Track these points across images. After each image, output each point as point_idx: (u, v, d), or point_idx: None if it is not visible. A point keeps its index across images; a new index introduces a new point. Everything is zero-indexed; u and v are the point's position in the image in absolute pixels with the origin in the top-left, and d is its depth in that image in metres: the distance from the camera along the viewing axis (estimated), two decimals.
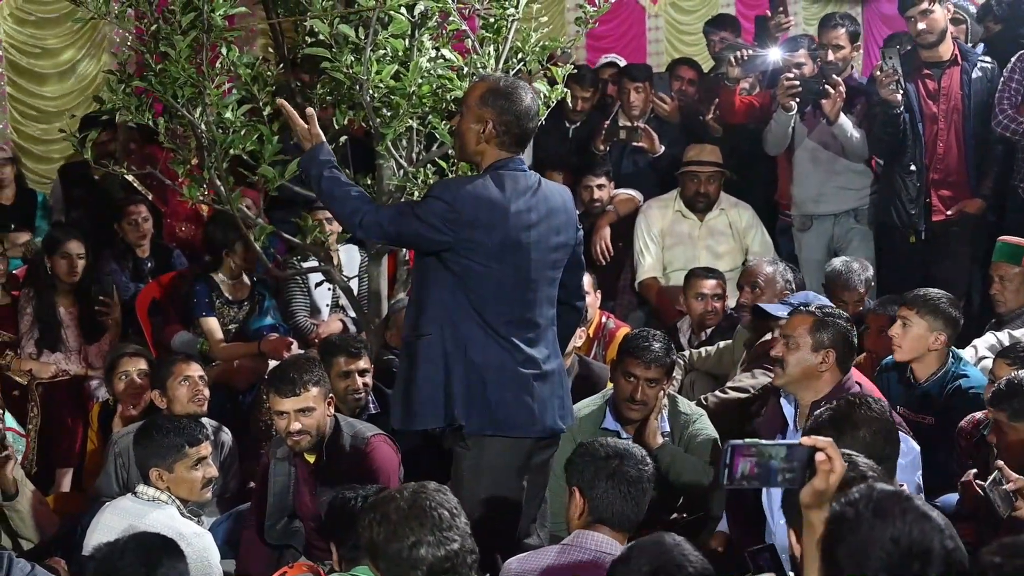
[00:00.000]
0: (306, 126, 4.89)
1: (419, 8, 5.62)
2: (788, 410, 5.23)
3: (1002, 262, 6.51)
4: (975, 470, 4.73)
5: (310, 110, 4.96)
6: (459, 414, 4.57)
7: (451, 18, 5.76)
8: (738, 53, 8.23)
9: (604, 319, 6.86)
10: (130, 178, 8.11)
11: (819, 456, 3.01)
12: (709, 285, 6.95)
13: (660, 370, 5.50)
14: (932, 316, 5.68)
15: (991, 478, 4.34)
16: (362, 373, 5.90)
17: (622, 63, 9.68)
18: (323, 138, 4.92)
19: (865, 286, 6.85)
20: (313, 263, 6.73)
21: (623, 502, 4.00)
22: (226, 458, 6.01)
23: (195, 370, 5.99)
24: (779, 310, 5.68)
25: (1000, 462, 4.12)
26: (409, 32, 5.62)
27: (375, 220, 4.74)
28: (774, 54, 8.09)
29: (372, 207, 4.82)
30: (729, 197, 7.82)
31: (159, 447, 4.98)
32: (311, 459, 5.28)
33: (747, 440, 3.00)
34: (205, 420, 5.73)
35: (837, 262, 7.01)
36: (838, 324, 5.12)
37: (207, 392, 5.96)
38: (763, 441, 3.06)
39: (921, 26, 7.37)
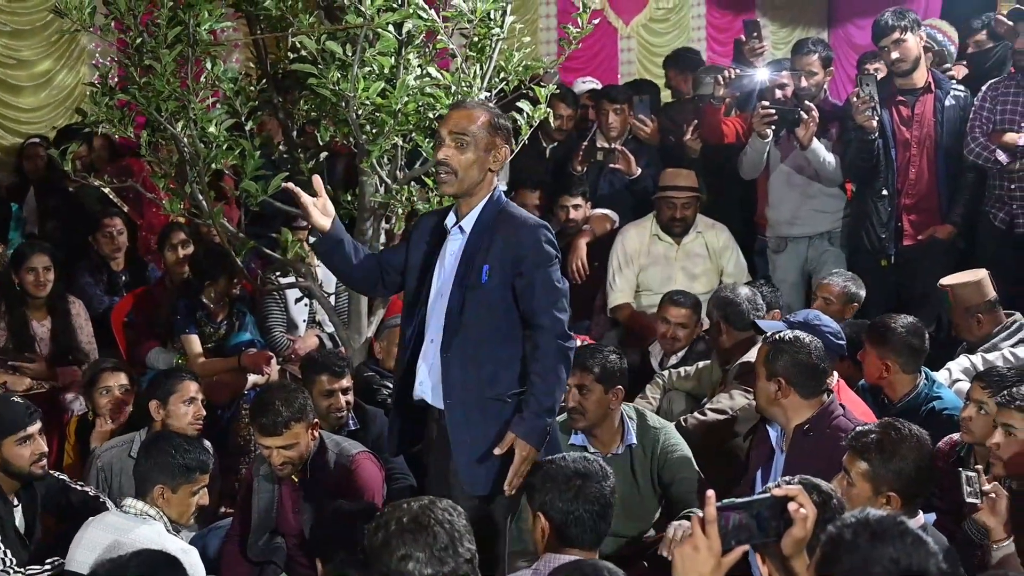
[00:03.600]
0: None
1: (406, 26, 5.63)
2: (773, 434, 5.26)
3: (947, 307, 6.62)
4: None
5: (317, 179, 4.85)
6: None
7: (438, 37, 5.78)
8: (725, 73, 8.32)
9: (579, 341, 6.84)
10: (107, 190, 8.09)
11: (792, 506, 3.03)
12: (676, 313, 6.93)
13: (590, 377, 5.41)
14: (881, 345, 5.79)
15: (969, 473, 4.38)
16: (344, 391, 5.90)
17: (598, 86, 9.73)
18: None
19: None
20: (291, 279, 6.71)
21: (589, 521, 3.97)
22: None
23: (199, 393, 6.00)
24: (774, 327, 5.69)
25: (980, 467, 4.14)
26: (396, 50, 5.63)
27: (561, 324, 4.65)
28: (761, 74, 8.25)
29: (552, 322, 4.63)
30: (705, 219, 7.82)
31: (171, 466, 4.97)
32: (295, 477, 5.28)
33: (724, 502, 2.99)
34: None
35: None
36: (792, 352, 5.10)
37: (195, 415, 5.95)
38: (737, 500, 3.04)
39: (895, 55, 7.45)
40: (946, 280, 6.65)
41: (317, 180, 4.83)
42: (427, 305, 4.70)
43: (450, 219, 4.70)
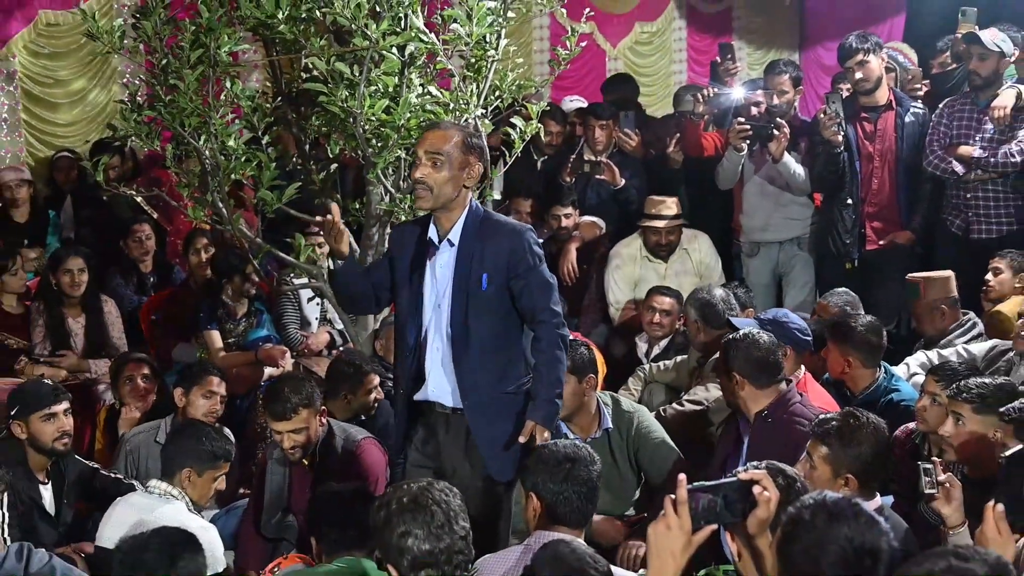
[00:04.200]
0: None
1: (409, 49, 5.64)
2: (744, 425, 5.29)
3: (909, 299, 6.65)
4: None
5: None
6: None
7: (438, 58, 5.79)
8: (704, 91, 8.37)
9: (574, 337, 6.83)
10: (138, 199, 8.11)
11: (757, 489, 3.04)
12: (661, 301, 7.00)
13: None
14: (842, 343, 5.83)
15: (927, 466, 4.38)
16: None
17: (585, 104, 9.73)
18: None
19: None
20: (305, 280, 6.71)
21: (577, 501, 3.98)
22: None
23: (221, 388, 6.02)
24: (747, 324, 5.71)
25: (936, 459, 4.15)
26: (399, 70, 5.64)
27: (558, 316, 4.75)
28: (737, 93, 8.30)
29: (551, 321, 4.71)
30: (687, 231, 7.82)
31: (200, 452, 5.00)
32: (306, 460, 5.29)
33: (694, 484, 3.01)
34: None
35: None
36: (743, 349, 5.19)
37: (221, 410, 5.97)
38: (705, 483, 3.06)
39: (858, 75, 7.48)
40: (918, 274, 6.68)
41: (334, 207, 4.85)
42: (422, 315, 4.70)
43: (433, 233, 4.69)
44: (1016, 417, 4.00)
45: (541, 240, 7.91)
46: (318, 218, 4.92)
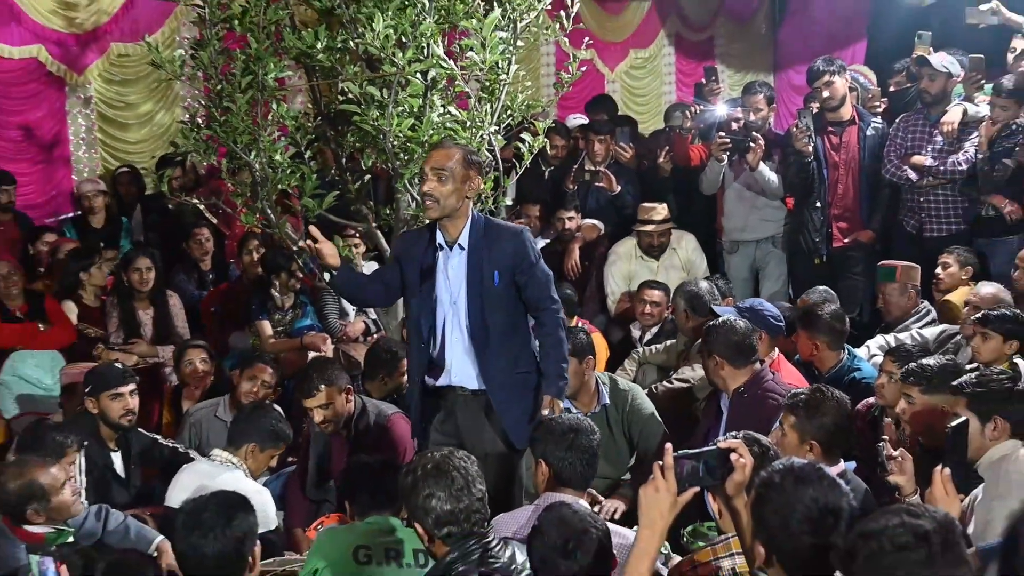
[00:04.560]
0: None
1: (431, 74, 5.64)
2: (724, 400, 5.29)
3: (882, 282, 6.60)
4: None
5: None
6: None
7: (456, 82, 5.79)
8: (690, 109, 8.41)
9: (580, 324, 6.81)
10: (201, 207, 8.14)
11: (734, 456, 3.05)
12: (651, 294, 7.01)
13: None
14: (810, 328, 5.81)
15: (882, 446, 4.39)
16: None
17: (586, 120, 9.73)
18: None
19: None
20: None
21: (580, 467, 4.01)
22: None
23: (265, 375, 6.04)
24: (727, 312, 5.74)
25: (895, 464, 4.14)
26: (423, 93, 5.64)
27: (558, 303, 4.84)
28: (719, 110, 8.32)
29: (553, 307, 4.79)
30: (675, 231, 7.84)
31: (267, 432, 5.07)
32: (343, 433, 5.31)
33: (679, 452, 3.01)
34: None
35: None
36: (722, 334, 5.23)
37: (266, 395, 5.96)
38: (689, 451, 3.06)
39: (825, 94, 7.50)
40: (893, 261, 6.69)
41: (314, 230, 4.92)
42: (436, 312, 4.71)
43: (441, 240, 4.70)
44: (970, 391, 3.99)
45: (548, 240, 8.04)
46: (301, 243, 5.02)
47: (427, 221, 4.93)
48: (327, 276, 4.85)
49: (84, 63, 9.37)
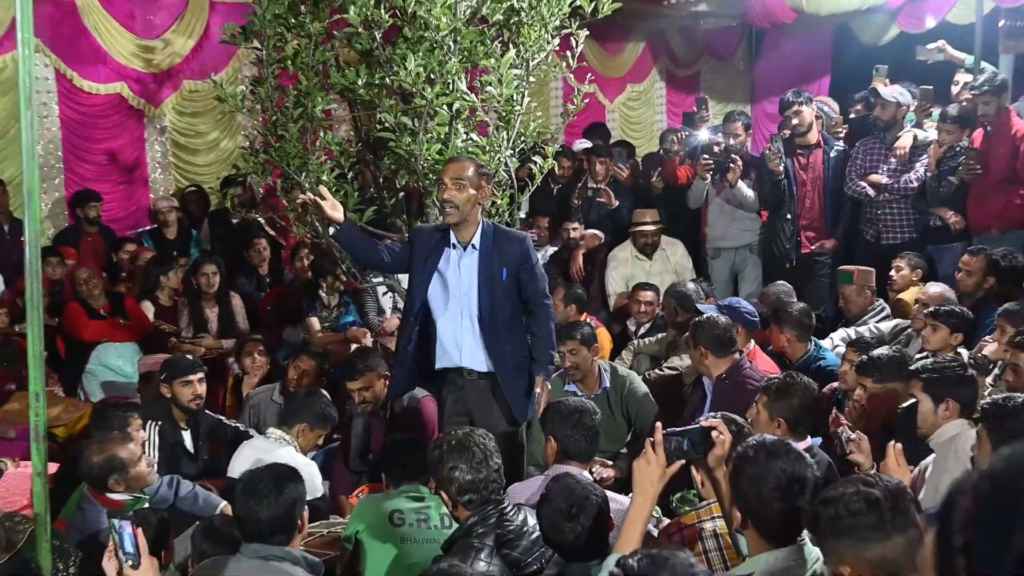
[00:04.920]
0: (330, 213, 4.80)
1: (456, 106, 5.64)
2: (708, 385, 5.29)
3: (842, 284, 6.59)
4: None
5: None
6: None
7: (477, 112, 5.80)
8: (679, 134, 8.45)
9: (587, 319, 6.79)
10: (261, 220, 8.17)
11: (715, 433, 3.05)
12: (644, 295, 6.99)
13: (577, 343, 5.55)
14: (781, 324, 5.83)
15: (842, 430, 4.37)
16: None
17: (590, 145, 9.73)
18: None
19: None
20: (380, 279, 6.73)
21: (584, 443, 4.02)
22: None
23: (307, 365, 6.05)
24: (709, 309, 5.73)
25: (844, 419, 4.12)
26: (448, 122, 5.64)
27: (550, 299, 4.93)
28: (703, 135, 8.38)
29: (546, 303, 4.85)
30: (666, 238, 7.84)
31: (317, 415, 5.10)
32: (381, 413, 5.33)
33: (668, 430, 3.01)
34: None
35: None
36: (706, 329, 5.22)
37: (305, 382, 5.95)
38: (676, 429, 3.06)
39: (795, 122, 7.49)
40: (851, 266, 6.67)
41: (322, 189, 4.93)
42: (449, 302, 4.72)
43: (455, 241, 4.71)
44: (927, 376, 3.97)
45: (556, 247, 8.05)
46: (302, 197, 5.04)
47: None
48: (331, 230, 4.82)
49: (160, 98, 9.42)
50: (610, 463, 5.15)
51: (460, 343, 4.74)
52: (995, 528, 0.89)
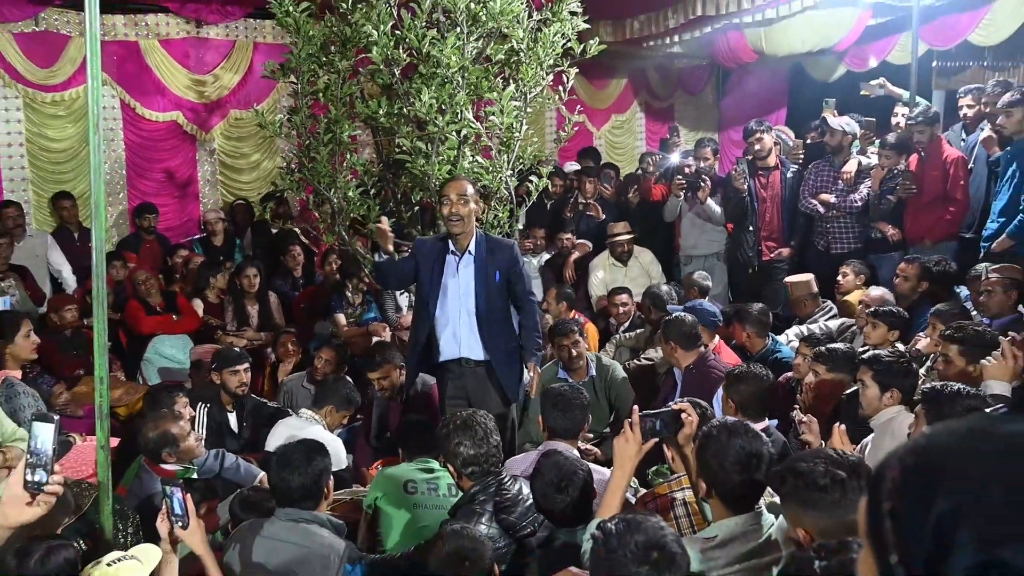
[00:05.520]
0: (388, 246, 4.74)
1: (463, 132, 5.66)
2: (678, 374, 5.29)
3: (787, 295, 6.63)
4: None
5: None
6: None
7: (482, 138, 5.81)
8: (655, 157, 8.46)
9: (576, 315, 6.77)
10: (296, 230, 8.20)
11: (684, 415, 3.05)
12: (620, 298, 6.95)
13: (576, 337, 5.59)
14: (743, 322, 5.82)
15: (795, 414, 4.37)
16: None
17: (579, 167, 9.73)
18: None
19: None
20: None
21: (571, 423, 3.98)
22: None
23: (329, 356, 6.04)
24: (676, 310, 5.73)
25: (805, 427, 4.11)
26: (457, 146, 5.66)
27: (535, 297, 4.99)
28: (676, 158, 8.39)
29: (532, 300, 4.88)
30: (638, 247, 7.84)
31: (343, 398, 5.10)
32: (398, 398, 5.33)
33: (644, 412, 3.02)
34: None
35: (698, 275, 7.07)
36: (676, 326, 5.23)
37: (327, 370, 5.94)
38: (650, 411, 3.06)
39: (757, 147, 7.48)
40: (789, 279, 6.68)
41: (385, 221, 4.85)
42: (449, 302, 4.71)
43: (453, 249, 4.70)
44: (877, 367, 3.96)
45: (551, 254, 8.05)
46: (376, 226, 4.86)
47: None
48: (377, 256, 4.74)
49: (210, 124, 9.44)
50: (593, 442, 5.13)
51: (459, 336, 4.75)
52: (917, 496, 0.89)
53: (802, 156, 8.37)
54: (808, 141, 9.10)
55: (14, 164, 8.59)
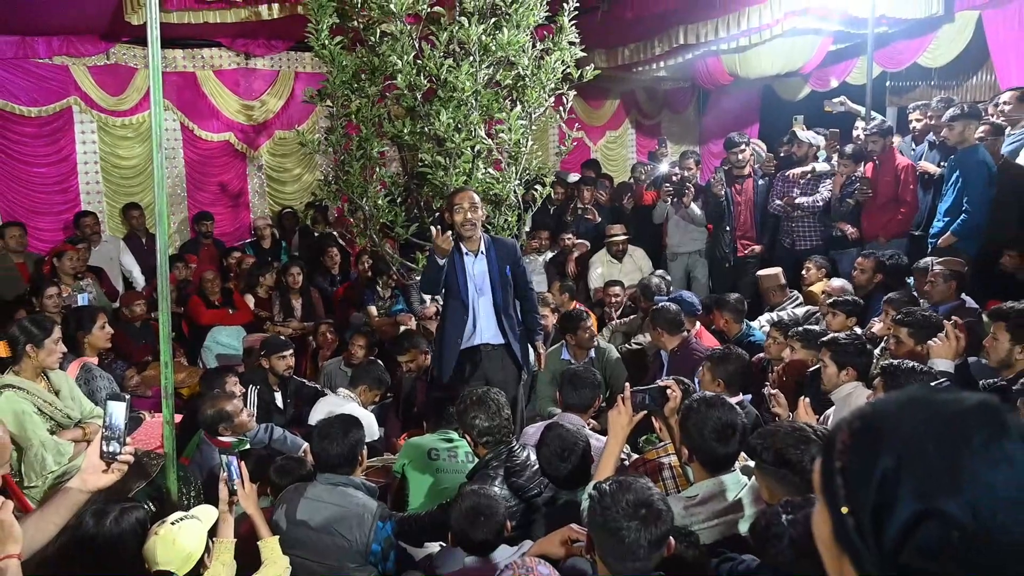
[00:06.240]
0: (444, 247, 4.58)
1: (477, 148, 5.66)
2: (664, 356, 5.28)
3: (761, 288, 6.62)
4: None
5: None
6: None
7: (493, 152, 5.81)
8: (647, 167, 8.45)
9: (578, 305, 6.75)
10: (335, 234, 8.21)
11: (669, 391, 3.05)
12: (614, 290, 6.95)
13: (591, 321, 5.61)
14: (721, 310, 5.83)
15: (766, 389, 4.35)
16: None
17: (578, 176, 9.71)
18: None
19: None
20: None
21: (579, 399, 3.99)
22: None
23: (361, 343, 6.04)
24: (662, 300, 5.72)
25: (774, 400, 4.10)
26: (471, 160, 5.66)
27: (535, 291, 4.96)
28: (664, 168, 8.32)
29: (532, 291, 4.87)
30: (631, 246, 7.81)
31: (375, 379, 5.12)
32: (423, 378, 5.34)
33: (634, 388, 3.02)
34: None
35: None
36: (661, 314, 5.21)
37: (360, 355, 5.95)
38: (640, 388, 3.06)
39: (739, 157, 7.46)
40: (760, 272, 6.65)
41: (439, 231, 4.76)
42: (469, 296, 4.67)
43: (466, 251, 4.63)
44: (835, 347, 3.94)
45: (555, 253, 8.03)
46: (443, 236, 4.60)
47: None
48: (439, 260, 4.53)
49: (258, 143, 9.46)
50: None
51: (481, 325, 4.73)
52: (863, 455, 0.90)
53: (774, 166, 8.36)
54: (783, 153, 9.09)
55: (90, 179, 8.64)
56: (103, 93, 8.47)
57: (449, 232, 4.61)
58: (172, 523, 2.67)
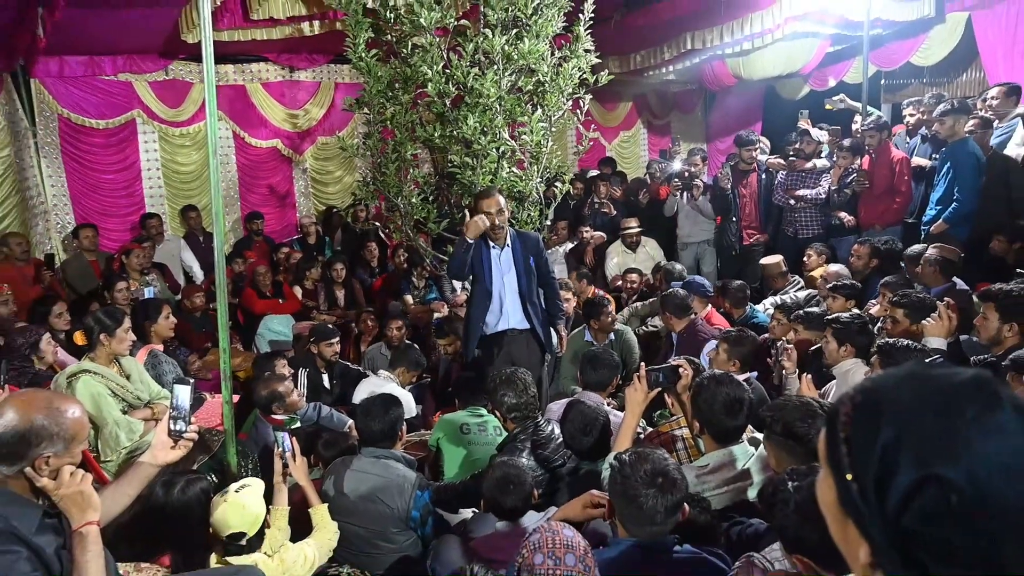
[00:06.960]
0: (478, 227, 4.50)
1: (502, 149, 5.64)
2: (674, 337, 5.25)
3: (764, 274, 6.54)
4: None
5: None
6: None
7: (516, 153, 5.79)
8: (659, 164, 8.36)
9: (596, 291, 6.71)
10: (377, 225, 8.25)
11: (681, 369, 3.04)
12: (631, 277, 6.93)
13: (612, 306, 5.54)
14: (726, 295, 5.78)
15: (779, 358, 4.30)
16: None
17: (596, 173, 9.65)
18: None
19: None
20: None
21: (600, 377, 3.98)
22: None
23: (396, 327, 6.04)
24: (674, 286, 5.69)
25: (785, 354, 4.05)
26: (497, 160, 5.65)
27: (556, 280, 4.85)
28: (675, 165, 8.27)
29: (553, 280, 4.79)
30: (645, 237, 7.76)
31: (412, 361, 5.15)
32: (458, 359, 5.35)
33: (649, 367, 3.00)
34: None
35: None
36: (671, 298, 5.18)
37: (397, 335, 5.96)
38: (655, 367, 3.05)
39: (753, 154, 7.36)
40: (763, 260, 6.57)
41: (483, 218, 4.66)
42: (494, 285, 4.62)
43: (493, 246, 4.58)
44: (836, 326, 3.90)
45: (574, 244, 8.00)
46: (479, 215, 4.49)
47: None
48: (468, 239, 4.45)
49: (303, 148, 9.51)
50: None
51: (507, 311, 4.70)
52: (866, 426, 0.89)
53: (787, 165, 8.28)
54: (790, 150, 8.99)
55: (153, 184, 8.75)
56: (163, 106, 8.56)
57: (481, 215, 4.54)
58: (236, 491, 2.71)
